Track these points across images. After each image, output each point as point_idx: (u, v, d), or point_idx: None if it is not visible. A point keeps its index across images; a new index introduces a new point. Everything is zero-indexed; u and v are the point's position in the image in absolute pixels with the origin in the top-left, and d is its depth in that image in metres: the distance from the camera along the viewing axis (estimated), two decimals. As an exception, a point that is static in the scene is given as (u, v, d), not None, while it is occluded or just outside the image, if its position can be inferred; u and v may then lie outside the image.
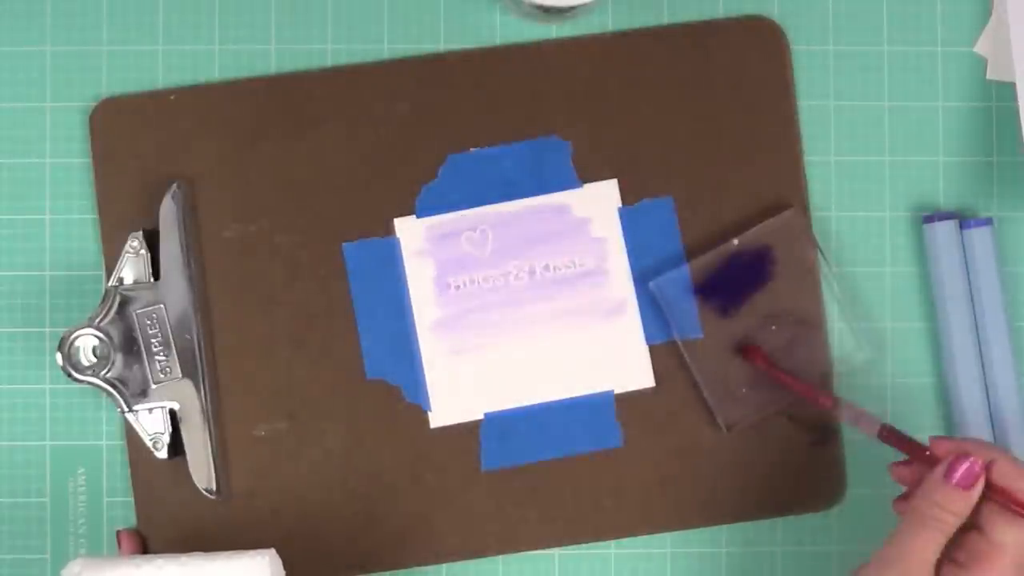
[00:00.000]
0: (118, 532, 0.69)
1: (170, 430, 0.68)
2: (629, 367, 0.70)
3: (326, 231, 0.70)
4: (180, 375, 0.68)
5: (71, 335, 0.67)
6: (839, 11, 0.71)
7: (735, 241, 0.69)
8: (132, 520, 0.69)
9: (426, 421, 0.70)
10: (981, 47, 0.72)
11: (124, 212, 0.69)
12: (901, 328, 0.71)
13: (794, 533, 0.70)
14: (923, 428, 0.71)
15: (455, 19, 0.71)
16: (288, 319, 0.70)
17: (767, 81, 0.71)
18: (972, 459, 0.62)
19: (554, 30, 0.71)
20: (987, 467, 0.62)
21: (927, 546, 0.61)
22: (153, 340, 0.68)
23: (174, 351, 0.68)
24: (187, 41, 0.71)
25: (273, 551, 0.64)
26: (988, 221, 0.70)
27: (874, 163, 0.71)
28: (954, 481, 0.62)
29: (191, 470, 0.68)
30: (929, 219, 0.70)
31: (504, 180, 0.70)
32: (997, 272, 0.70)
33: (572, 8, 0.67)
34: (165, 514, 0.69)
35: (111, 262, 0.69)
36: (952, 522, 0.61)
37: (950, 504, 0.61)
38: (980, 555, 0.61)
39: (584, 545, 0.70)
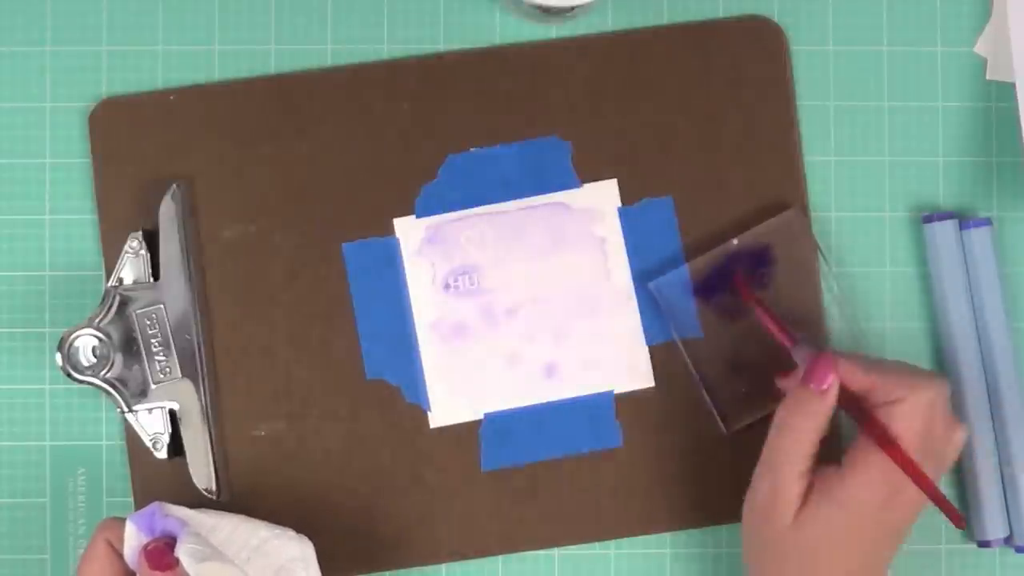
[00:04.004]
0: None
1: (170, 430, 0.68)
2: (629, 367, 0.70)
3: (326, 231, 0.70)
4: (180, 375, 0.68)
5: (71, 335, 0.67)
6: (839, 11, 0.71)
7: (735, 241, 0.69)
8: (132, 520, 0.69)
9: (426, 421, 0.70)
10: (981, 47, 0.72)
11: (124, 212, 0.69)
12: (901, 328, 0.71)
13: (794, 533, 0.70)
14: (923, 428, 0.71)
15: (455, 19, 0.71)
16: (288, 319, 0.70)
17: (767, 81, 0.71)
18: (824, 360, 0.62)
19: (554, 30, 0.71)
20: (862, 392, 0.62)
21: (791, 454, 0.62)
22: (153, 340, 0.68)
23: (174, 351, 0.68)
24: (187, 41, 0.71)
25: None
26: (988, 221, 0.70)
27: (874, 163, 0.71)
28: (811, 385, 0.62)
29: (191, 470, 0.68)
30: (929, 219, 0.70)
31: (504, 180, 0.70)
32: (997, 272, 0.70)
33: (572, 8, 0.67)
34: (165, 514, 0.69)
35: (111, 262, 0.69)
36: (815, 424, 0.62)
37: (810, 408, 0.62)
38: (857, 458, 0.62)
39: (584, 545, 0.70)
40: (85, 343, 0.67)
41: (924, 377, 0.62)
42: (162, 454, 0.68)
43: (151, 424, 0.68)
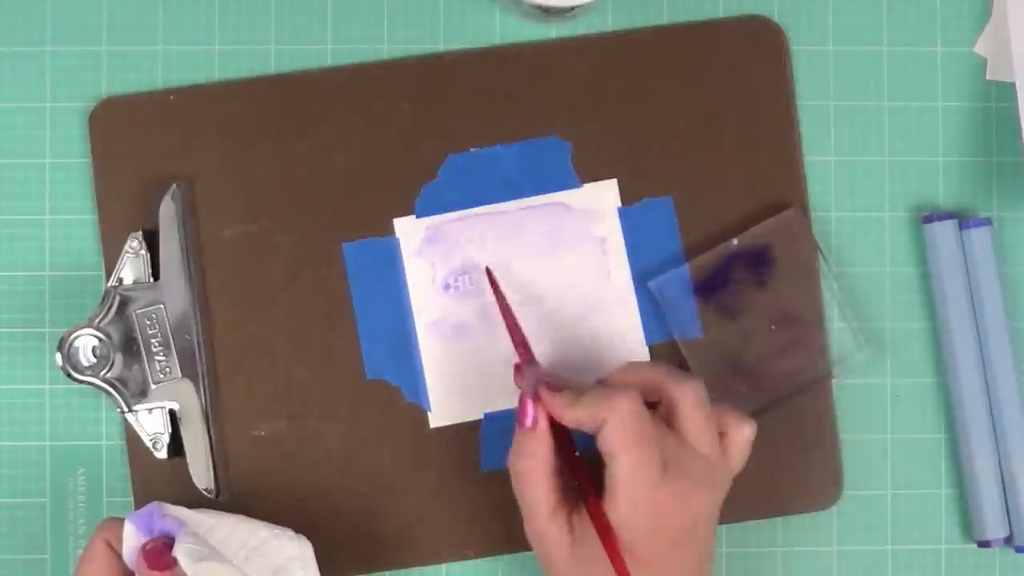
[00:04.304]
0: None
1: (170, 430, 0.68)
2: (629, 367, 0.70)
3: (326, 231, 0.70)
4: (180, 375, 0.68)
5: (71, 335, 0.67)
6: (839, 11, 0.71)
7: (735, 241, 0.69)
8: (132, 520, 0.69)
9: (426, 421, 0.70)
10: (981, 47, 0.72)
11: (124, 212, 0.69)
12: (901, 328, 0.71)
13: (794, 533, 0.70)
14: (923, 428, 0.71)
15: (455, 19, 0.71)
16: (288, 319, 0.70)
17: (767, 81, 0.71)
18: (526, 397, 0.62)
19: (554, 30, 0.71)
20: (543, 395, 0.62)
21: (532, 499, 0.61)
22: (153, 340, 0.68)
23: (174, 351, 0.68)
24: (187, 41, 0.71)
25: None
26: (988, 221, 0.70)
27: (874, 163, 0.71)
28: (523, 425, 0.62)
29: (191, 470, 0.68)
30: (929, 219, 0.70)
31: (504, 180, 0.70)
32: (997, 272, 0.70)
33: (572, 8, 0.67)
34: (165, 514, 0.69)
35: (111, 262, 0.69)
36: (535, 465, 0.61)
37: (526, 449, 0.61)
38: (609, 487, 0.60)
39: (584, 545, 0.70)
40: (85, 343, 0.67)
41: (621, 394, 0.60)
42: (162, 454, 0.68)
43: (151, 424, 0.68)
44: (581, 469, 0.62)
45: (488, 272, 0.69)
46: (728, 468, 0.63)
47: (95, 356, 0.67)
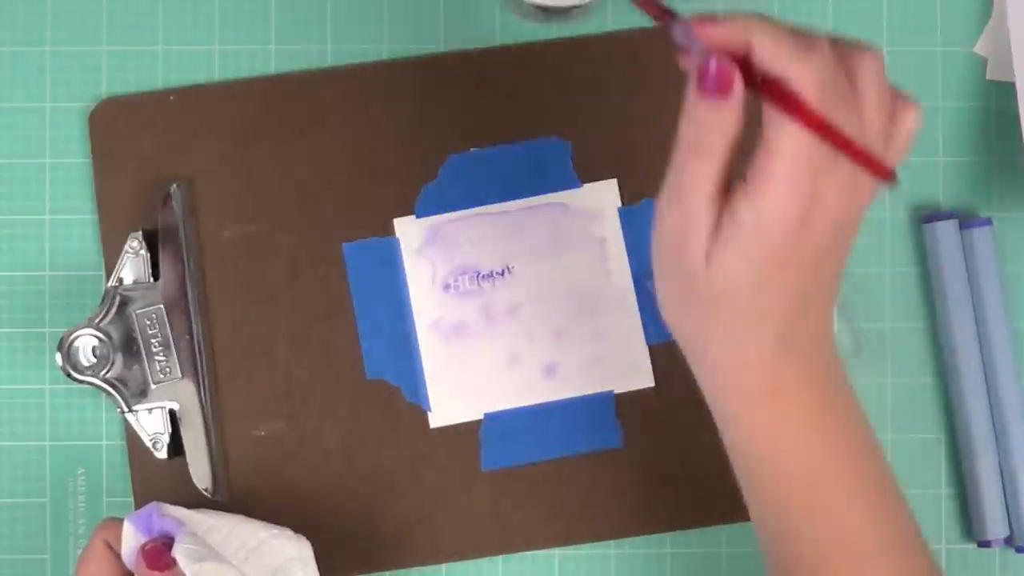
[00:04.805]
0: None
1: (170, 430, 0.68)
2: (629, 367, 0.70)
3: (326, 231, 0.70)
4: (180, 375, 0.68)
5: (71, 335, 0.67)
6: (839, 11, 0.71)
7: (735, 241, 0.69)
8: (132, 520, 0.69)
9: (426, 421, 0.70)
10: (981, 47, 0.72)
11: (124, 212, 0.69)
12: (901, 328, 0.71)
13: (794, 533, 0.70)
14: (923, 428, 0.71)
15: (455, 19, 0.71)
16: (288, 319, 0.70)
17: (767, 81, 0.70)
18: (714, 59, 0.50)
19: (554, 30, 0.71)
20: (747, 55, 0.50)
21: (699, 177, 0.51)
22: (153, 340, 0.68)
23: (174, 351, 0.68)
24: (187, 41, 0.71)
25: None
26: (988, 221, 0.70)
27: (874, 163, 0.71)
28: (705, 92, 0.50)
29: (191, 470, 0.68)
30: (929, 219, 0.70)
31: (504, 180, 0.70)
32: (997, 272, 0.70)
33: (572, 8, 0.67)
34: (165, 514, 0.69)
35: (111, 262, 0.69)
36: (719, 141, 0.50)
37: (711, 121, 0.50)
38: (759, 167, 0.50)
39: (584, 545, 0.70)
40: (85, 343, 0.67)
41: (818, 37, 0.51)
42: (162, 454, 0.68)
43: (151, 424, 0.68)
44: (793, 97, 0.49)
45: None
46: (894, 158, 0.53)
47: (95, 356, 0.67)
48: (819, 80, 0.49)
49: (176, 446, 0.68)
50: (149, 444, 0.68)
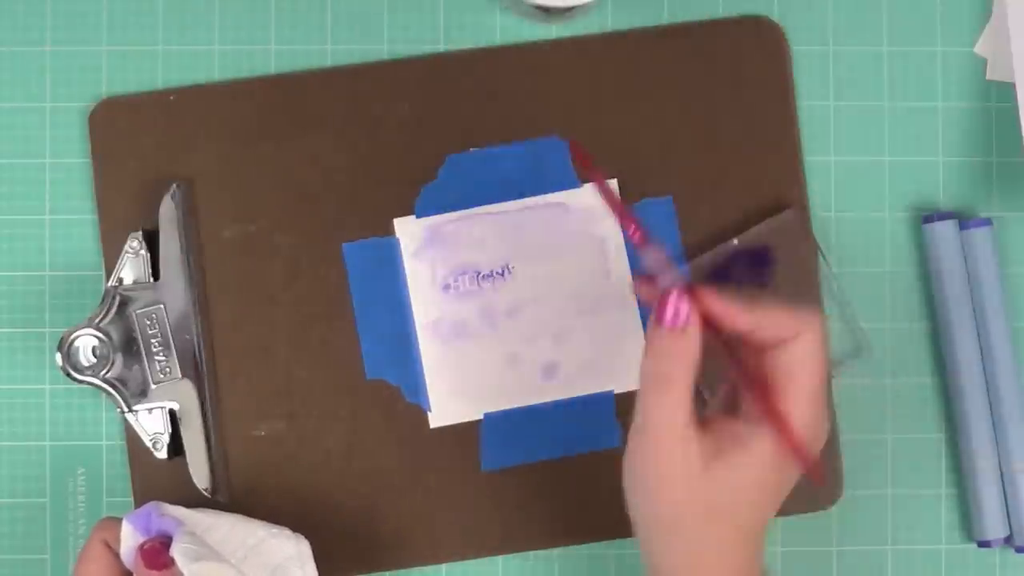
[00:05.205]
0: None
1: (170, 430, 0.68)
2: (629, 367, 0.70)
3: (326, 231, 0.70)
4: (180, 375, 0.68)
5: (71, 335, 0.67)
6: (839, 11, 0.71)
7: (735, 241, 0.69)
8: (132, 520, 0.69)
9: (426, 421, 0.70)
10: (981, 47, 0.72)
11: (124, 212, 0.69)
12: (901, 328, 0.71)
13: (794, 533, 0.70)
14: (923, 428, 0.71)
15: (455, 19, 0.71)
16: (288, 319, 0.70)
17: (767, 81, 0.71)
18: (673, 293, 0.54)
19: (554, 30, 0.71)
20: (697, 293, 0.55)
21: (666, 407, 0.54)
22: (153, 340, 0.68)
23: (174, 351, 0.68)
24: (187, 41, 0.71)
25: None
26: (988, 221, 0.70)
27: (874, 163, 0.71)
28: (665, 325, 0.54)
29: (191, 470, 0.68)
30: (929, 219, 0.70)
31: (504, 180, 0.70)
32: (997, 272, 0.70)
33: (572, 8, 0.67)
34: (165, 514, 0.69)
35: (111, 262, 0.69)
36: (681, 371, 0.54)
37: (671, 349, 0.54)
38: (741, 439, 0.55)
39: (584, 545, 0.70)
40: (85, 343, 0.67)
41: (810, 311, 0.56)
42: (162, 454, 0.68)
43: (151, 424, 0.68)
44: (744, 365, 0.55)
45: (573, 146, 0.61)
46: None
47: (95, 356, 0.67)
48: (818, 376, 0.55)
49: (176, 446, 0.68)
50: (149, 444, 0.68)
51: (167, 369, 0.68)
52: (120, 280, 0.68)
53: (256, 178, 0.70)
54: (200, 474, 0.68)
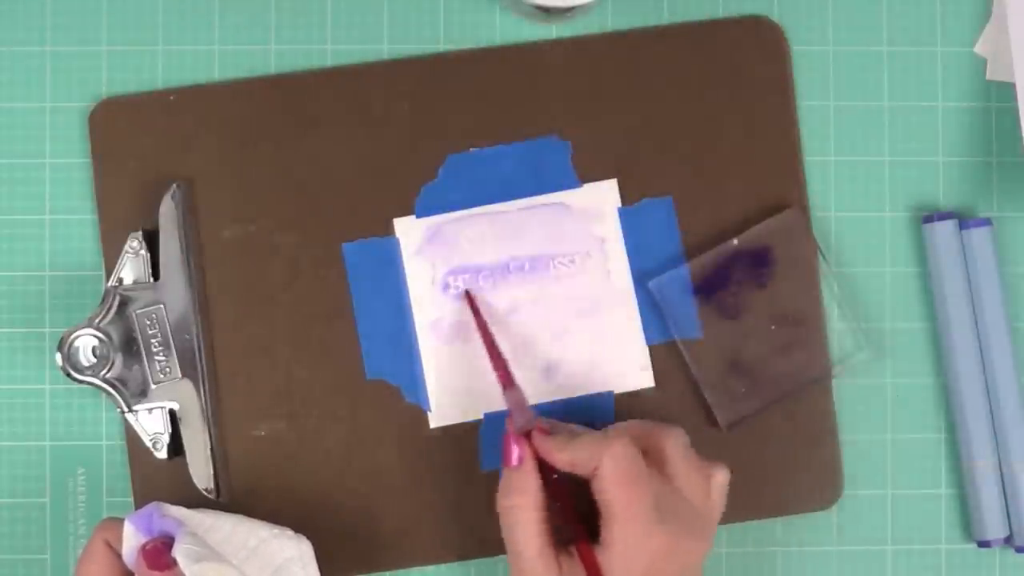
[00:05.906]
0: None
1: (170, 430, 0.68)
2: (629, 367, 0.70)
3: (326, 231, 0.70)
4: (180, 375, 0.68)
5: (71, 335, 0.67)
6: (839, 11, 0.71)
7: (735, 241, 0.69)
8: (132, 520, 0.69)
9: (426, 421, 0.70)
10: (981, 47, 0.72)
11: (124, 212, 0.69)
12: (901, 328, 0.71)
13: (794, 533, 0.71)
14: (923, 428, 0.71)
15: (455, 19, 0.71)
16: (288, 319, 0.70)
17: (767, 81, 0.71)
18: (511, 437, 0.62)
19: (554, 30, 0.71)
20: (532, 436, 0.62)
21: (520, 534, 0.61)
22: (153, 340, 0.68)
23: (174, 351, 0.68)
24: (187, 41, 0.71)
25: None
26: (988, 221, 0.70)
27: (874, 163, 0.71)
28: (506, 465, 0.62)
29: (191, 470, 0.68)
30: (929, 219, 0.70)
31: (504, 180, 0.70)
32: (997, 272, 0.70)
33: (572, 8, 0.67)
34: (165, 514, 0.69)
35: (111, 262, 0.69)
36: (525, 502, 0.61)
37: (514, 486, 0.61)
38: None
39: (584, 545, 0.70)
40: (85, 343, 0.67)
41: (615, 436, 0.61)
42: (162, 454, 0.68)
43: (151, 424, 0.68)
44: (571, 510, 0.62)
45: (468, 296, 0.69)
46: (713, 516, 0.63)
47: (95, 356, 0.67)
48: (630, 497, 0.60)
49: (176, 446, 0.68)
50: (149, 444, 0.68)
51: (167, 369, 0.68)
52: (120, 280, 0.68)
53: (256, 178, 0.70)
54: (200, 474, 0.68)
